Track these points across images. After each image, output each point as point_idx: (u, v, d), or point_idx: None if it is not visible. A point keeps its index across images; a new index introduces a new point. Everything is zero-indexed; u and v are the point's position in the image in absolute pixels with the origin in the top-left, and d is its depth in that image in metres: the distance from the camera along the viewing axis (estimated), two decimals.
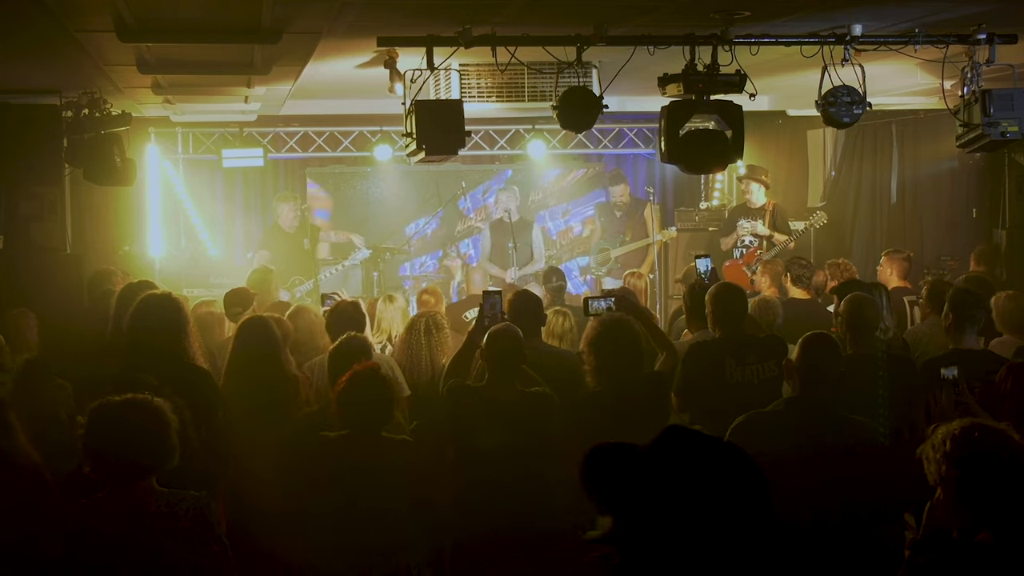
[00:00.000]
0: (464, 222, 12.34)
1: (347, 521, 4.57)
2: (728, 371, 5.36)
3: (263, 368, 5.51)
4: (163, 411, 3.57)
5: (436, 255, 12.21)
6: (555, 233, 12.55)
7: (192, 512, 3.50)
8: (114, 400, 3.59)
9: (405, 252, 11.74)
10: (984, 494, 2.93)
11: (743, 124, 6.59)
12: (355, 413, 4.64)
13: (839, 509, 4.03)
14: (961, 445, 3.00)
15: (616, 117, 10.98)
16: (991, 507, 2.93)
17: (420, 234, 12.02)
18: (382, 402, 4.68)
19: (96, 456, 3.53)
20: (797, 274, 7.87)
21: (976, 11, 6.01)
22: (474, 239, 12.23)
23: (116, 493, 3.48)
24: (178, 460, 3.59)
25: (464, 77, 7.53)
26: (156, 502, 3.48)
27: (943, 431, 3.05)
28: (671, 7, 5.78)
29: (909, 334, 6.38)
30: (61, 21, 5.74)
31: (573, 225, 12.63)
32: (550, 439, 4.99)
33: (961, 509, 2.97)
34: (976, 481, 2.95)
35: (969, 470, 2.96)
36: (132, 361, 5.13)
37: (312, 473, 4.68)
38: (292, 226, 10.79)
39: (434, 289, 8.03)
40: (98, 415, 3.58)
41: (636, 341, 5.15)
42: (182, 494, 3.53)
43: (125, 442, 3.49)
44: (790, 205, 11.26)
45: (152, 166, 11.08)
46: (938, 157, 10.43)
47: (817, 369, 4.26)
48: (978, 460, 2.96)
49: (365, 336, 5.99)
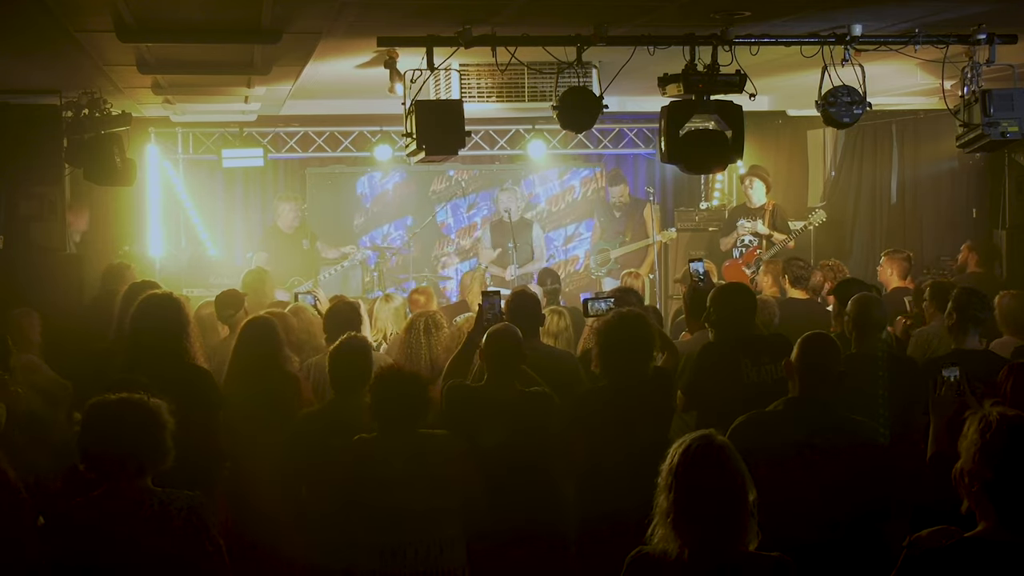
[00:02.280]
0: (443, 244, 12.20)
1: (379, 521, 4.47)
2: (744, 372, 5.31)
3: (265, 368, 5.51)
4: (158, 411, 3.57)
5: (409, 285, 11.13)
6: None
7: (186, 511, 3.49)
8: (109, 399, 3.59)
9: (405, 253, 11.75)
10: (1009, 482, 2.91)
11: (743, 124, 6.59)
12: (391, 410, 4.54)
13: (839, 508, 4.03)
14: (997, 433, 2.96)
15: (616, 117, 10.98)
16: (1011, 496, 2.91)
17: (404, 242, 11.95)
18: (419, 398, 4.58)
19: (90, 455, 3.53)
20: (796, 275, 7.86)
21: (976, 11, 6.01)
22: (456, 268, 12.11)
23: (110, 492, 3.48)
24: (173, 461, 3.58)
25: (464, 77, 7.53)
26: (150, 501, 3.47)
27: (999, 411, 3.01)
28: (671, 7, 5.78)
29: (916, 335, 6.38)
30: (61, 21, 5.75)
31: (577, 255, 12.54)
32: (550, 438, 4.99)
33: (976, 484, 2.94)
34: (1004, 467, 2.92)
35: (997, 460, 2.93)
36: (133, 361, 5.14)
37: (339, 473, 4.57)
38: (292, 226, 10.78)
39: (425, 289, 8.07)
40: (93, 414, 3.58)
41: (649, 337, 5.13)
42: (176, 493, 3.53)
43: (119, 441, 3.49)
44: (790, 205, 11.26)
45: (152, 166, 11.08)
46: (938, 157, 10.42)
47: (817, 369, 4.25)
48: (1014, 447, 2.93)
49: (365, 336, 5.99)
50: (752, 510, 3.06)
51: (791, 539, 3.42)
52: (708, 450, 3.11)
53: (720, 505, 3.05)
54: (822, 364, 4.26)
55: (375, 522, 4.46)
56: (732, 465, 3.10)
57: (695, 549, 3.05)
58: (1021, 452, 2.93)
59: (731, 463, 3.10)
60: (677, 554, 3.05)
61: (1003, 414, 2.99)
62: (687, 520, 3.05)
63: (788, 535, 3.45)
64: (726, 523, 3.05)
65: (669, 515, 3.07)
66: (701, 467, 3.08)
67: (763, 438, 4.08)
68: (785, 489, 3.91)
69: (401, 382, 4.59)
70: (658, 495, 3.12)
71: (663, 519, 3.09)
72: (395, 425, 4.54)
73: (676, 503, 3.06)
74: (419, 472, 4.46)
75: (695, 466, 3.08)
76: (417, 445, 4.52)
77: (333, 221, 12.00)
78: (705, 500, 3.05)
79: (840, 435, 4.15)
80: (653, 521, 3.12)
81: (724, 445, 3.14)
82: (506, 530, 4.79)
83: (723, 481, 3.06)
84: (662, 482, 3.11)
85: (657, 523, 3.11)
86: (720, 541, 3.06)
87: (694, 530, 3.05)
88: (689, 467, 3.08)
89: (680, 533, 3.05)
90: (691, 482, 3.06)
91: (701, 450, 3.10)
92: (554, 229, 12.44)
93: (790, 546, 3.24)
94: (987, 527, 2.96)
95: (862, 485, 4.07)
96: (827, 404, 4.22)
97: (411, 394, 4.56)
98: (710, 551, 3.05)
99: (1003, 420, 2.96)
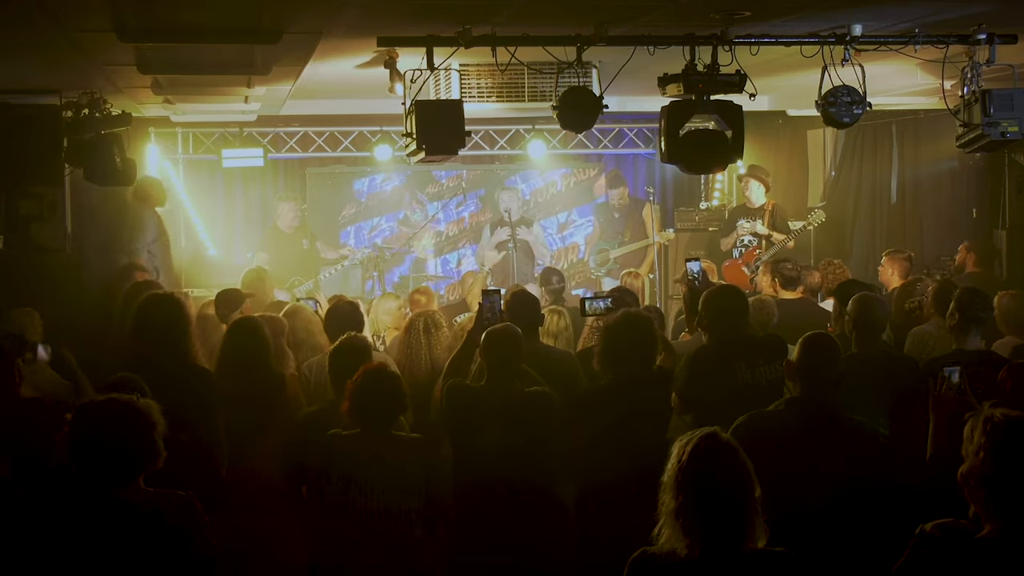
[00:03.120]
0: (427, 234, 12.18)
1: (359, 519, 4.54)
2: (739, 374, 5.32)
3: (251, 369, 5.51)
4: (147, 411, 3.56)
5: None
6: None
7: (177, 512, 3.49)
8: (98, 400, 3.60)
9: (404, 252, 11.75)
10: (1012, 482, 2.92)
11: (743, 124, 6.59)
12: (367, 408, 4.61)
13: (840, 507, 4.03)
14: (1004, 435, 2.96)
15: (616, 117, 10.98)
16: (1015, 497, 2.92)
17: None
18: (395, 397, 4.66)
19: (80, 455, 3.52)
20: (787, 276, 7.80)
21: (976, 11, 6.01)
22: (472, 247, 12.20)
23: (100, 493, 3.48)
24: (163, 462, 3.58)
25: (464, 77, 7.53)
26: (141, 502, 3.47)
27: (1001, 411, 3.00)
28: (671, 7, 5.78)
29: (914, 335, 6.38)
30: (61, 21, 5.75)
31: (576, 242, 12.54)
32: (550, 438, 4.99)
33: (981, 487, 2.95)
34: (1008, 468, 2.92)
35: (1005, 455, 2.93)
36: (133, 361, 5.14)
37: (321, 470, 4.65)
38: (291, 226, 10.78)
39: (426, 289, 8.10)
40: (82, 415, 3.58)
41: (653, 337, 5.13)
42: (167, 494, 3.52)
43: (108, 442, 3.48)
44: (790, 205, 11.27)
45: (152, 166, 11.07)
46: (938, 157, 10.42)
47: (817, 369, 4.26)
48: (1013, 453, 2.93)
49: (365, 336, 5.99)
50: (758, 507, 3.04)
51: (792, 536, 3.42)
52: (716, 447, 3.07)
53: (730, 503, 3.01)
54: (823, 364, 4.26)
55: (339, 520, 4.54)
56: (740, 462, 3.06)
57: (705, 548, 3.00)
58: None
59: (739, 460, 3.07)
60: (686, 554, 3.00)
61: (1007, 415, 2.97)
62: (697, 519, 3.00)
63: (789, 532, 3.45)
64: (736, 521, 3.01)
65: (678, 515, 3.02)
66: (711, 465, 3.03)
67: (764, 437, 4.09)
68: (787, 488, 3.91)
69: (381, 382, 4.64)
70: (663, 494, 3.07)
71: (670, 519, 3.03)
72: (369, 424, 4.61)
73: (685, 502, 3.01)
74: (384, 472, 4.53)
75: (704, 464, 3.03)
76: (386, 445, 4.59)
77: (333, 221, 12.01)
78: (715, 498, 3.01)
79: (841, 435, 4.16)
80: (659, 522, 3.07)
81: (731, 442, 3.11)
82: (505, 529, 4.80)
83: (733, 478, 3.02)
84: (668, 481, 3.06)
85: (663, 523, 3.05)
86: (731, 539, 3.02)
87: (705, 529, 3.00)
88: (698, 465, 3.03)
89: (689, 532, 3.00)
90: (701, 481, 3.02)
91: (709, 448, 3.06)
92: (545, 218, 12.43)
93: (791, 544, 3.24)
94: (993, 528, 2.95)
95: (863, 484, 4.08)
96: (828, 404, 4.22)
97: (386, 394, 4.63)
98: (721, 550, 3.00)
99: (1008, 421, 2.95)
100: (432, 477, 4.65)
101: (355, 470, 4.56)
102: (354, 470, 4.56)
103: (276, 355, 5.77)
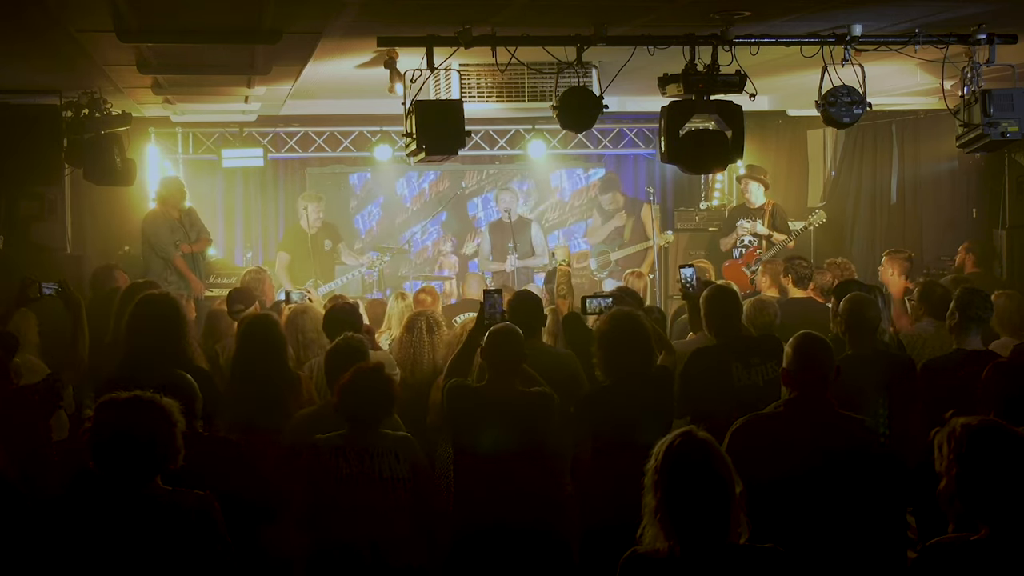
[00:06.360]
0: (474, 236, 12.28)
1: (347, 517, 4.55)
2: (735, 374, 5.34)
3: (267, 366, 5.50)
4: (170, 410, 3.56)
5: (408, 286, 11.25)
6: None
7: (196, 511, 3.49)
8: (121, 397, 3.56)
9: (404, 251, 11.74)
10: (985, 489, 2.96)
11: (743, 124, 6.59)
12: (354, 407, 4.63)
13: (840, 507, 4.03)
14: (971, 440, 3.01)
15: (616, 117, 10.99)
16: (992, 503, 2.96)
17: (419, 243, 12.12)
18: (383, 397, 4.68)
19: (102, 453, 3.51)
20: (800, 274, 7.83)
21: (976, 11, 6.01)
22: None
23: (120, 491, 3.47)
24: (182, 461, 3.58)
25: (464, 77, 7.53)
26: (160, 501, 3.47)
27: (961, 422, 3.06)
28: (671, 7, 5.78)
29: (906, 336, 6.38)
30: (61, 21, 5.75)
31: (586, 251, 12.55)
32: (551, 439, 4.99)
33: (957, 502, 3.01)
34: (977, 476, 2.97)
35: (971, 465, 2.98)
36: (130, 361, 5.14)
37: (314, 469, 4.66)
38: (315, 227, 10.72)
39: (431, 289, 8.11)
40: (104, 412, 3.56)
41: (645, 333, 5.13)
42: (186, 493, 3.52)
43: (131, 440, 3.47)
44: (790, 205, 11.26)
45: (152, 166, 11.07)
46: (938, 157, 10.42)
47: (813, 370, 4.25)
48: (982, 456, 2.98)
49: (362, 337, 5.99)
50: (740, 502, 3.09)
51: (792, 537, 3.42)
52: (691, 446, 3.13)
53: (707, 499, 3.07)
54: (817, 364, 4.25)
55: (331, 518, 4.55)
56: (716, 459, 3.12)
57: (686, 545, 3.06)
58: (993, 457, 2.97)
59: (715, 457, 3.13)
60: (668, 551, 3.07)
61: (968, 426, 3.04)
62: (675, 517, 3.07)
63: (789, 534, 3.45)
64: (714, 517, 3.07)
65: (657, 513, 3.09)
66: (686, 463, 3.10)
67: (764, 439, 4.09)
68: (786, 488, 3.91)
69: (369, 380, 4.66)
70: (645, 494, 3.14)
71: (652, 518, 3.11)
72: (358, 422, 4.63)
73: (663, 501, 3.09)
74: (374, 471, 4.55)
75: (680, 463, 3.10)
76: (376, 444, 4.60)
77: (333, 221, 11.99)
78: (692, 496, 3.07)
79: (839, 434, 4.15)
80: (643, 522, 3.15)
81: (707, 440, 3.17)
82: (505, 529, 4.79)
83: (708, 476, 3.08)
84: (648, 481, 3.14)
85: (646, 523, 3.13)
86: (710, 535, 3.07)
87: (683, 526, 3.07)
88: (674, 464, 3.10)
89: (669, 530, 3.08)
90: (677, 479, 3.08)
91: (684, 447, 3.13)
92: (557, 228, 12.48)
93: (791, 544, 3.24)
94: (986, 532, 2.99)
95: (862, 484, 4.07)
96: (826, 404, 4.22)
97: (373, 393, 4.65)
98: (701, 546, 3.07)
99: (969, 432, 3.02)
100: (419, 476, 4.68)
101: (341, 468, 4.57)
102: (339, 471, 4.57)
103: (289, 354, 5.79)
